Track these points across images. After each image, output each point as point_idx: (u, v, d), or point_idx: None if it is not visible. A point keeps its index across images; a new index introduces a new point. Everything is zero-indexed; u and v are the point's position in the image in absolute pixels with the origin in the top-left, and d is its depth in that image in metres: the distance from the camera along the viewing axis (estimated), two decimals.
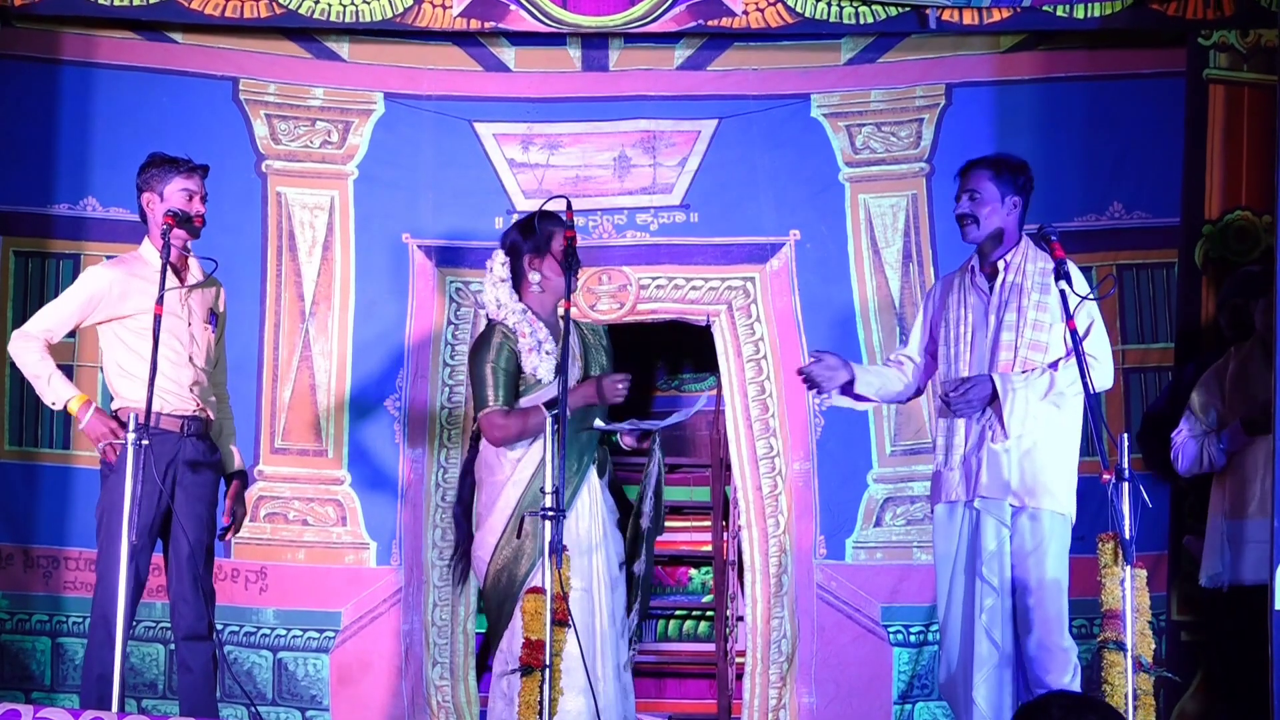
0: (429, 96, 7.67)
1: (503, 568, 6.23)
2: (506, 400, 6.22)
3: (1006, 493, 6.03)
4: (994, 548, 6.06)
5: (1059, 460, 6.06)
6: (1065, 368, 5.97)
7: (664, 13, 7.44)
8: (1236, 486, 6.60)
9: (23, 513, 7.37)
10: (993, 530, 6.06)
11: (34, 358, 6.24)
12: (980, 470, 6.06)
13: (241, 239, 7.53)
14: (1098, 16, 7.38)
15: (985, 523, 6.08)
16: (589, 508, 6.29)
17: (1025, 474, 6.01)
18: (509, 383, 6.23)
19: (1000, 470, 6.04)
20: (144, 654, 7.32)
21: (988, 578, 6.07)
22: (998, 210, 6.19)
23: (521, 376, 6.27)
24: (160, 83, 7.58)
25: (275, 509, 7.50)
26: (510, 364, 6.24)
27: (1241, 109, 7.37)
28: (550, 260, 6.29)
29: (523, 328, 6.27)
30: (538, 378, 6.26)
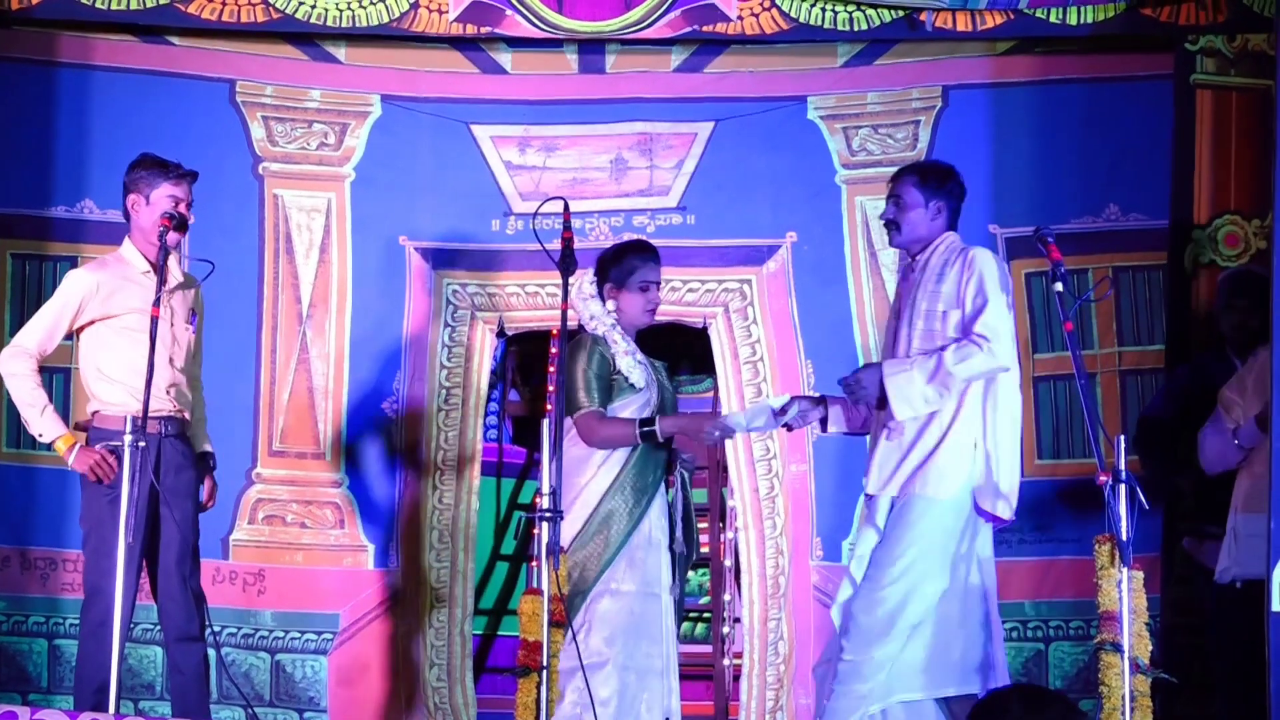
0: (426, 99, 7.68)
1: (574, 565, 6.26)
2: (601, 403, 6.33)
3: (884, 487, 6.04)
4: (862, 552, 6.06)
5: (953, 448, 5.99)
6: (954, 350, 5.95)
7: (659, 18, 7.45)
8: (1250, 482, 6.58)
9: (20, 515, 7.37)
10: (869, 531, 6.07)
11: (28, 384, 6.20)
12: (873, 466, 6.09)
13: (239, 241, 7.54)
14: (1090, 22, 7.40)
15: (865, 524, 6.10)
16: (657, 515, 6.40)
17: (909, 465, 6.01)
18: (603, 387, 6.34)
19: (887, 464, 6.05)
20: (141, 656, 7.32)
21: (854, 574, 6.07)
22: (922, 216, 6.20)
23: (614, 379, 6.38)
24: (157, 85, 7.58)
25: (273, 511, 7.51)
26: (603, 369, 6.35)
27: (1229, 113, 7.39)
28: (627, 294, 6.44)
29: (614, 336, 6.40)
30: (630, 381, 6.38)
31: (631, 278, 6.43)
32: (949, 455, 5.98)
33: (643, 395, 6.39)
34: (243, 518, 7.46)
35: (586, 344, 6.39)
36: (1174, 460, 7.01)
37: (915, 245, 6.21)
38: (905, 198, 6.21)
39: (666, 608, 6.39)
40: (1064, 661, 7.42)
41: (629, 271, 6.43)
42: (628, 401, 6.39)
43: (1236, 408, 6.61)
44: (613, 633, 6.25)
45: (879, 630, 5.92)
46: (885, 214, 6.26)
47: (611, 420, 6.32)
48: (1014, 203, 7.55)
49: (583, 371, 6.33)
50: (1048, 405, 7.52)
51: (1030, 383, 7.51)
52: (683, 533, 6.50)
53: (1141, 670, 5.37)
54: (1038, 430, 7.51)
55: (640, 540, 6.33)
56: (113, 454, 6.07)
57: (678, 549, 6.48)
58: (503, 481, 8.60)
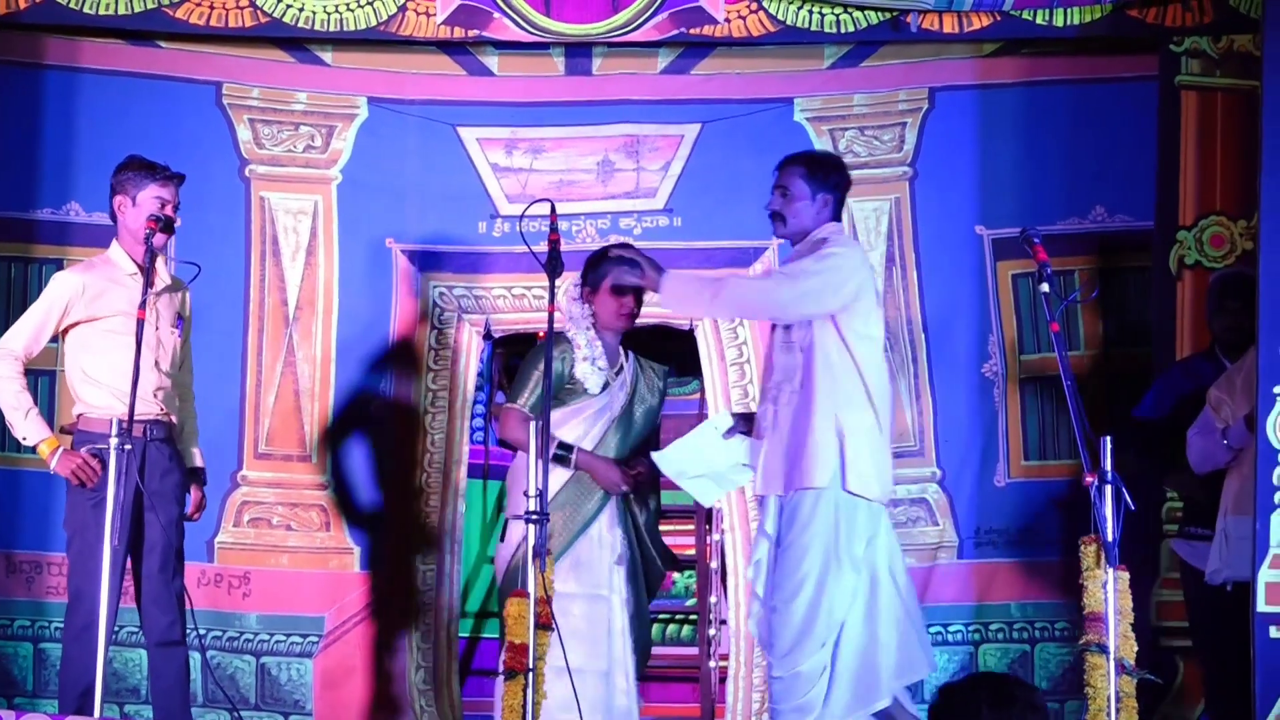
0: (413, 101, 7.68)
1: (520, 567, 6.26)
2: (533, 408, 6.49)
3: (768, 486, 6.04)
4: (759, 557, 6.05)
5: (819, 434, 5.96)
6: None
7: (646, 21, 7.45)
8: (1240, 484, 6.57)
9: (5, 518, 7.35)
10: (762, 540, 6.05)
11: (14, 387, 6.20)
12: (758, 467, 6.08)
13: (225, 244, 7.52)
14: (1076, 24, 7.40)
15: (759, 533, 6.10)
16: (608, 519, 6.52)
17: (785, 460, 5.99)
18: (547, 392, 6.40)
19: (770, 463, 6.03)
20: (126, 659, 7.31)
21: (753, 584, 6.07)
22: (808, 208, 6.18)
23: (566, 387, 6.54)
24: (144, 87, 7.57)
25: (259, 514, 7.49)
26: (554, 378, 6.45)
27: (1215, 115, 7.39)
28: (601, 297, 6.59)
29: (580, 339, 6.55)
30: (584, 388, 6.54)
31: (604, 281, 6.53)
32: (816, 442, 5.94)
33: (598, 401, 6.53)
34: (228, 520, 7.46)
35: (554, 346, 6.40)
36: (1165, 461, 7.02)
37: (799, 237, 6.20)
38: (792, 189, 6.19)
39: (615, 610, 6.47)
40: (1050, 663, 7.42)
41: (602, 275, 6.53)
42: (581, 406, 6.55)
43: (1225, 407, 6.61)
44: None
45: (798, 641, 5.90)
46: (770, 205, 6.21)
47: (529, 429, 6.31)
48: (1000, 204, 7.55)
49: (538, 372, 6.48)
50: (1034, 406, 7.52)
51: (1017, 384, 7.52)
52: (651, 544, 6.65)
53: (1127, 671, 5.37)
54: (1024, 432, 7.52)
55: (587, 544, 6.47)
56: (96, 457, 6.07)
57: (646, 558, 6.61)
58: (489, 484, 8.59)
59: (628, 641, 6.54)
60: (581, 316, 6.59)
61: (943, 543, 7.47)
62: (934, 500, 7.50)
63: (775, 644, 5.95)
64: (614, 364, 6.63)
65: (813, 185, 6.16)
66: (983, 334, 7.55)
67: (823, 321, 5.98)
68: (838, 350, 5.98)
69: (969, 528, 7.47)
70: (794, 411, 5.98)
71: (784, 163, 6.27)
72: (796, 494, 5.94)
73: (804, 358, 6.00)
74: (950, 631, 7.44)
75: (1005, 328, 7.54)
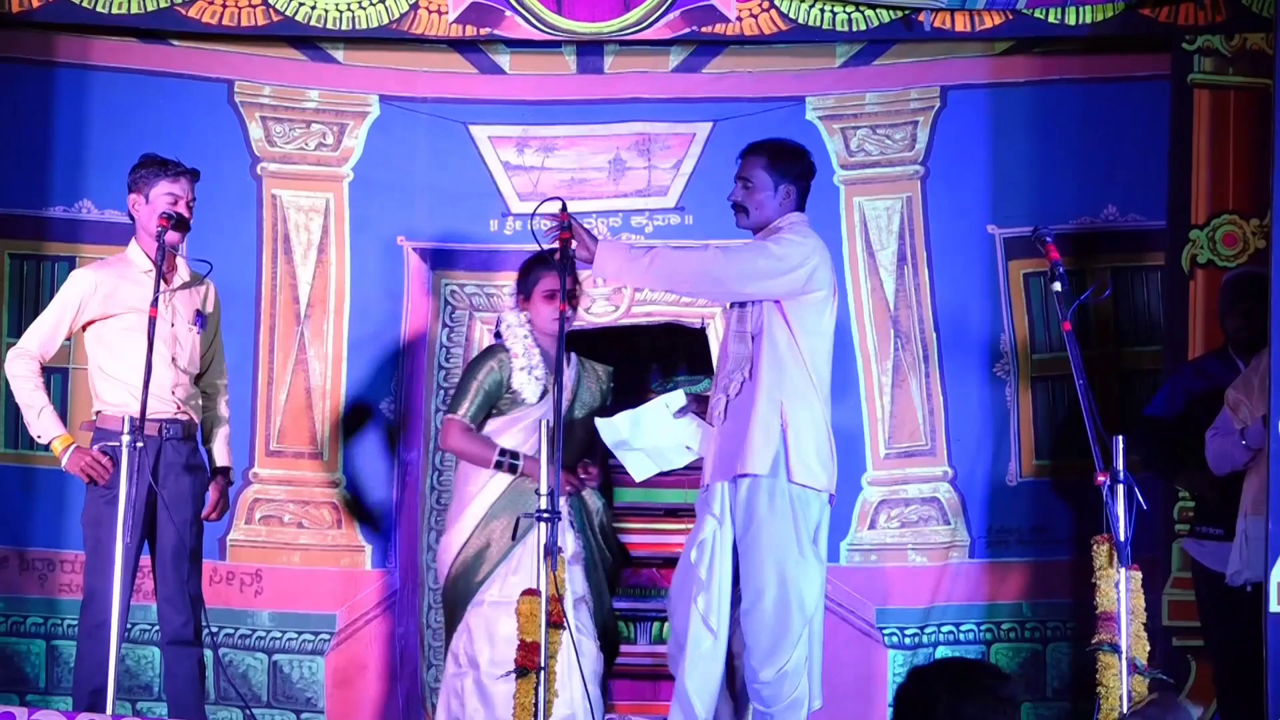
0: (424, 99, 7.67)
1: (460, 574, 6.58)
2: (473, 418, 6.60)
3: (717, 474, 6.04)
4: (705, 537, 6.02)
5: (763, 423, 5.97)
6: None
7: (658, 19, 7.44)
8: (1259, 484, 6.55)
9: (18, 515, 7.36)
10: (708, 519, 6.04)
11: (29, 385, 6.24)
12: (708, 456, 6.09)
13: (237, 241, 7.52)
14: (1088, 23, 7.39)
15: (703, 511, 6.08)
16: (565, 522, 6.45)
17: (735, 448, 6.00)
18: (486, 403, 6.62)
19: (721, 451, 6.04)
20: (139, 656, 7.32)
21: (696, 565, 6.04)
22: (770, 199, 6.17)
23: (505, 396, 6.61)
24: (156, 85, 7.56)
25: (270, 511, 7.50)
26: (494, 388, 6.61)
27: (1227, 113, 7.38)
28: (534, 304, 6.65)
29: (517, 348, 6.59)
30: (522, 397, 6.59)
31: (535, 288, 6.64)
32: (759, 429, 5.96)
33: (537, 410, 6.57)
34: (240, 518, 7.46)
35: (492, 356, 6.66)
36: (1176, 460, 7.01)
37: (761, 228, 6.19)
38: (754, 180, 6.18)
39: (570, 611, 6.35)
40: (1061, 662, 7.42)
41: (534, 282, 6.64)
42: (519, 415, 6.63)
43: (1243, 408, 6.60)
44: (484, 641, 6.47)
45: (776, 641, 5.91)
46: (733, 196, 6.20)
47: (474, 437, 6.60)
48: (1012, 203, 7.54)
49: (477, 383, 6.62)
50: (1045, 405, 7.52)
51: (1028, 383, 7.52)
52: (600, 542, 6.70)
53: (1139, 671, 5.37)
54: (1036, 431, 7.51)
55: (526, 551, 6.40)
56: (107, 455, 6.08)
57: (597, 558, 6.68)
58: None
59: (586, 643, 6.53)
60: (518, 325, 6.65)
61: (954, 542, 7.47)
62: (945, 499, 7.50)
63: (753, 649, 5.94)
64: (550, 370, 6.62)
65: (775, 176, 6.17)
66: (994, 333, 7.54)
67: (772, 311, 5.99)
68: (786, 341, 6.01)
69: (980, 527, 7.47)
70: (743, 401, 6.00)
71: (745, 152, 6.27)
72: (745, 482, 5.95)
73: (754, 346, 6.03)
74: (962, 631, 7.43)
75: (1017, 327, 7.53)
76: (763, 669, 5.92)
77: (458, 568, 6.57)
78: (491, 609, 6.49)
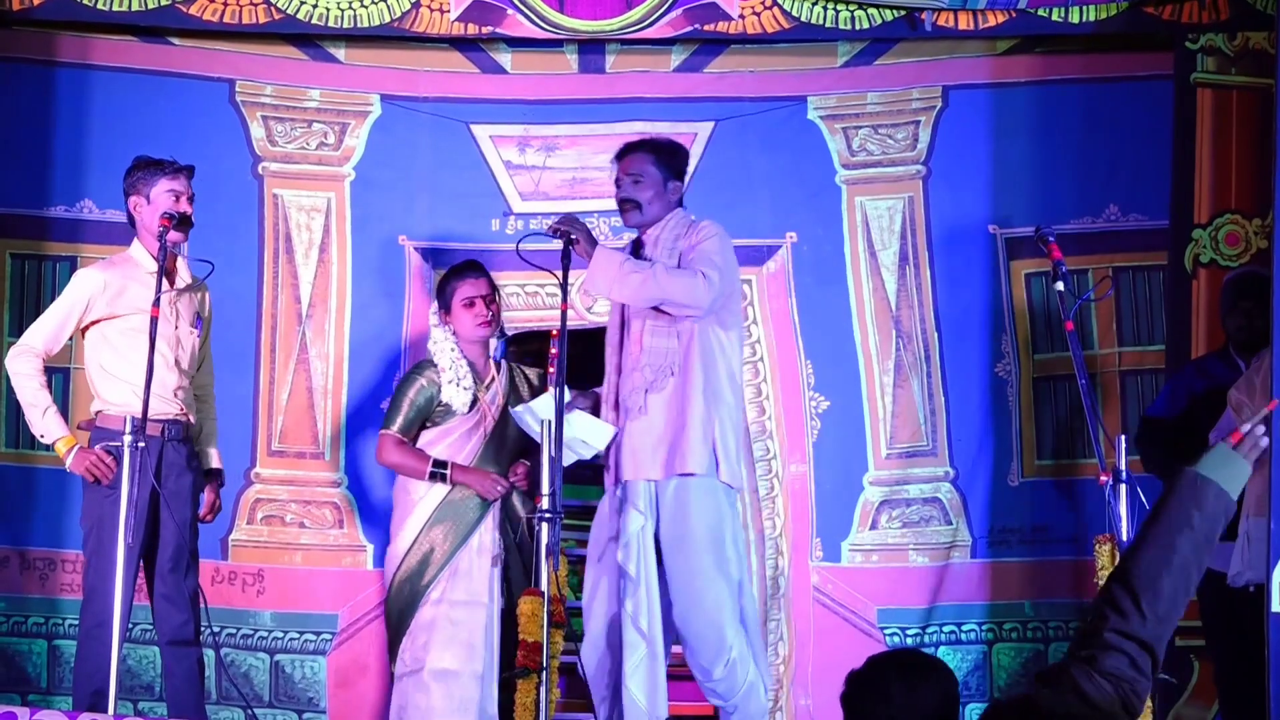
0: (425, 98, 7.67)
1: (406, 579, 6.68)
2: (406, 431, 6.75)
3: (641, 473, 6.04)
4: (635, 531, 6.04)
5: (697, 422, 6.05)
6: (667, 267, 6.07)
7: (660, 18, 7.44)
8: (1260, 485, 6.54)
9: (19, 515, 7.35)
10: (633, 514, 6.06)
11: (33, 384, 6.23)
12: (624, 452, 6.10)
13: (238, 241, 7.52)
14: (1092, 21, 7.39)
15: (626, 507, 6.09)
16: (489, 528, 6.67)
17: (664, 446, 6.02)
18: (415, 417, 6.75)
19: (642, 448, 6.06)
20: (140, 656, 7.31)
21: (624, 563, 6.06)
22: (660, 195, 6.21)
23: (437, 409, 6.74)
24: (157, 85, 7.56)
25: (272, 511, 7.49)
26: (424, 402, 6.75)
27: (1230, 112, 7.38)
28: (455, 315, 6.77)
29: (444, 362, 6.72)
30: (453, 409, 6.70)
31: (453, 299, 6.75)
32: (694, 430, 6.03)
33: (468, 420, 6.70)
34: (241, 518, 7.45)
35: (421, 371, 6.79)
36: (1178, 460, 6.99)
37: (649, 225, 6.22)
38: (645, 176, 6.23)
39: (493, 617, 6.60)
40: None
41: (450, 294, 6.77)
42: (451, 426, 6.73)
43: (1245, 408, 6.60)
44: (429, 641, 6.57)
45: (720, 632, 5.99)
46: (623, 193, 6.26)
47: (407, 449, 6.73)
48: (1014, 203, 7.54)
49: (409, 399, 6.76)
50: (1048, 405, 7.52)
51: (1030, 383, 7.51)
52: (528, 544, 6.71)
53: None
54: (1038, 431, 7.51)
55: (467, 553, 6.63)
56: (110, 455, 6.08)
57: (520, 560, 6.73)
58: None
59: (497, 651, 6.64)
60: (444, 339, 6.74)
61: (956, 542, 7.46)
62: (947, 499, 7.49)
63: (699, 650, 6.03)
64: (484, 378, 6.76)
65: (663, 172, 6.26)
66: (996, 333, 7.53)
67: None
68: (715, 340, 6.13)
69: (982, 527, 7.46)
70: (670, 398, 6.04)
71: (629, 150, 6.36)
72: (677, 481, 6.01)
73: (684, 344, 6.12)
74: (964, 631, 7.43)
75: (1019, 327, 7.53)
76: (715, 666, 6.02)
77: (403, 574, 6.67)
78: (434, 608, 6.58)
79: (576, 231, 6.07)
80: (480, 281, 6.77)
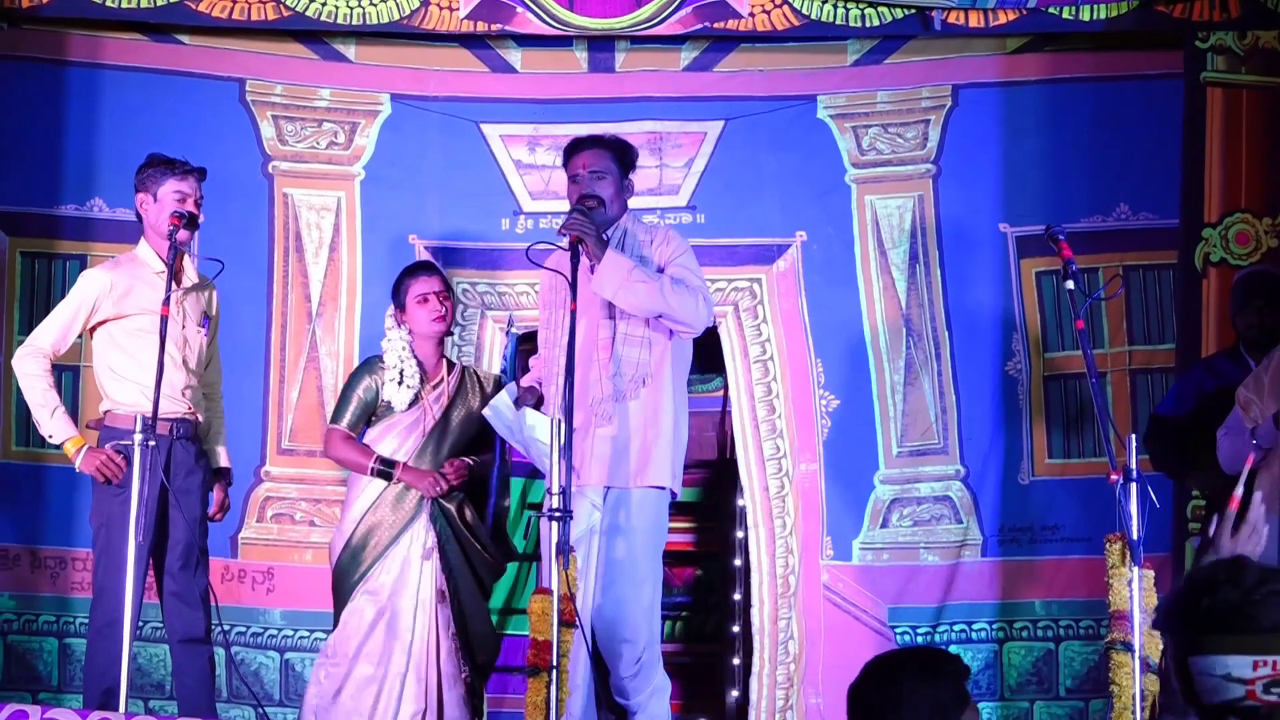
0: (435, 98, 7.67)
1: (340, 570, 6.66)
2: (352, 426, 6.72)
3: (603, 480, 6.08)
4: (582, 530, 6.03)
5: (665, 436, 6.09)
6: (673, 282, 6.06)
7: (670, 15, 7.44)
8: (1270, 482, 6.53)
9: (30, 513, 7.36)
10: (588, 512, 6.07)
11: (41, 385, 6.24)
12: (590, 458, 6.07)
13: (248, 240, 7.53)
14: (1102, 19, 7.39)
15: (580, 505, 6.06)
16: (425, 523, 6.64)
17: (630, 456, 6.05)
18: (361, 412, 6.73)
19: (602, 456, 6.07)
20: (150, 654, 7.32)
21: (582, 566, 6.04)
22: (620, 192, 6.23)
23: (380, 405, 6.71)
24: (167, 84, 7.57)
25: (282, 510, 7.50)
26: (371, 399, 6.72)
27: (1240, 111, 7.38)
28: (410, 312, 6.71)
29: (391, 359, 6.69)
30: (393, 406, 6.67)
31: (407, 296, 6.70)
32: (665, 442, 6.10)
33: (409, 415, 6.67)
34: (251, 516, 7.46)
35: (369, 367, 6.77)
36: (1186, 459, 6.99)
37: (611, 223, 6.23)
38: (608, 174, 6.21)
39: (421, 607, 6.57)
40: (1074, 661, 7.41)
41: (405, 291, 6.72)
42: (394, 421, 6.69)
43: (1254, 407, 6.58)
44: (354, 630, 6.54)
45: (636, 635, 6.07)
46: (590, 189, 6.20)
47: (353, 445, 6.70)
48: (1024, 201, 7.53)
49: (356, 394, 6.73)
50: (1058, 404, 7.51)
51: (1041, 381, 7.51)
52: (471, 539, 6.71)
53: (1152, 669, 5.36)
54: (1048, 429, 7.50)
55: (400, 549, 6.61)
56: (120, 454, 6.09)
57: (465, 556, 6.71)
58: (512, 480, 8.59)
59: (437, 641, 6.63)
60: (397, 337, 6.71)
61: (966, 540, 7.46)
62: (958, 498, 7.49)
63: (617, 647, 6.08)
64: (432, 377, 6.73)
65: (622, 169, 6.25)
66: (1007, 332, 7.53)
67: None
68: (681, 353, 6.22)
69: (993, 526, 7.46)
70: (640, 409, 6.04)
71: (585, 146, 6.30)
72: (641, 491, 6.08)
73: (656, 356, 6.14)
74: (974, 630, 7.42)
75: (1029, 325, 7.52)
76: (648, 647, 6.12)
77: (339, 564, 6.65)
78: (361, 599, 6.57)
79: (586, 233, 6.03)
80: (433, 279, 6.74)
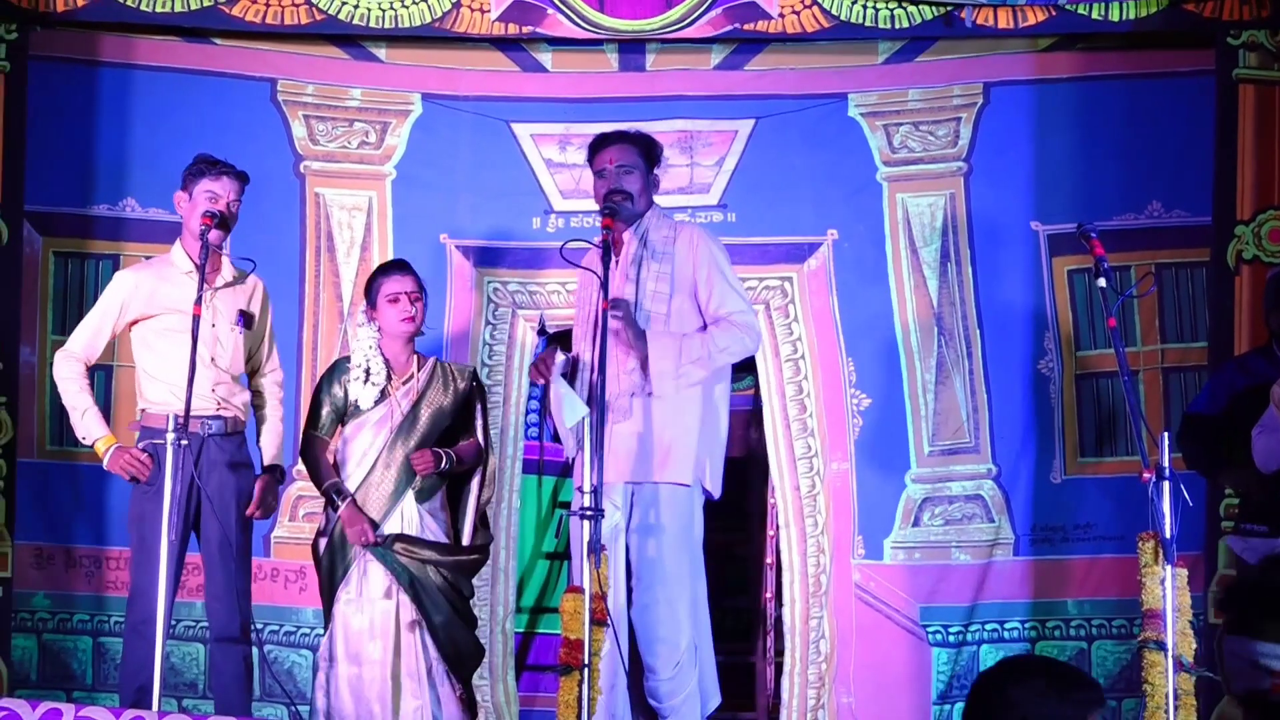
0: (466, 97, 7.69)
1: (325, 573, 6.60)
2: (327, 431, 6.63)
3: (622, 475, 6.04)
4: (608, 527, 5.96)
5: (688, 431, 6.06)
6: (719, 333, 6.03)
7: (700, 17, 7.45)
8: None
9: (64, 513, 7.40)
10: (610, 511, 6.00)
11: (74, 387, 6.28)
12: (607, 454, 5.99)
13: (280, 240, 7.55)
14: (1131, 19, 7.37)
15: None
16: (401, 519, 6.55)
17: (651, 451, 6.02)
18: (332, 417, 6.60)
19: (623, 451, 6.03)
20: (184, 653, 7.34)
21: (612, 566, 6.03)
22: (647, 187, 6.22)
23: (349, 405, 6.60)
24: (199, 84, 7.61)
25: (314, 509, 7.49)
26: (338, 401, 6.61)
27: (1273, 108, 7.35)
28: (380, 310, 6.60)
29: (358, 357, 6.60)
30: (358, 405, 6.57)
31: (379, 294, 6.61)
32: (689, 440, 6.04)
33: (376, 413, 6.57)
34: (284, 515, 7.48)
35: (335, 371, 6.66)
36: (1219, 458, 6.97)
37: (634, 218, 6.21)
38: (635, 169, 6.19)
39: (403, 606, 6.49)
40: (1107, 660, 7.40)
41: (376, 290, 6.62)
42: (363, 420, 6.59)
43: None
44: (344, 631, 6.48)
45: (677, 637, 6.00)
46: (618, 184, 6.18)
47: (321, 458, 6.59)
48: (1056, 199, 7.53)
49: (326, 397, 6.63)
50: (1090, 402, 7.50)
51: (1073, 380, 7.50)
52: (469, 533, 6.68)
53: (1185, 669, 5.34)
54: (1080, 428, 7.49)
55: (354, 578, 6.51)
56: (148, 454, 6.12)
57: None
58: (544, 479, 8.60)
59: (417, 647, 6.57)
60: (366, 335, 6.64)
61: (999, 539, 7.45)
62: (990, 497, 7.48)
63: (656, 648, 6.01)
64: (401, 375, 6.63)
65: (648, 165, 6.24)
66: (1038, 330, 7.52)
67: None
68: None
69: (1025, 524, 7.45)
70: (671, 404, 6.04)
71: (612, 141, 6.29)
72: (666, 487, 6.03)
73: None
74: (1006, 629, 7.41)
75: (1061, 323, 7.51)
76: (665, 667, 6.02)
77: (322, 563, 6.60)
78: (346, 606, 6.51)
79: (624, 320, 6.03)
80: (406, 278, 6.64)
